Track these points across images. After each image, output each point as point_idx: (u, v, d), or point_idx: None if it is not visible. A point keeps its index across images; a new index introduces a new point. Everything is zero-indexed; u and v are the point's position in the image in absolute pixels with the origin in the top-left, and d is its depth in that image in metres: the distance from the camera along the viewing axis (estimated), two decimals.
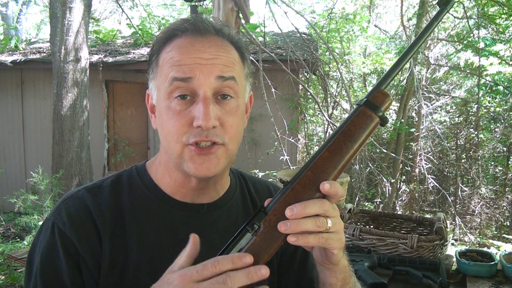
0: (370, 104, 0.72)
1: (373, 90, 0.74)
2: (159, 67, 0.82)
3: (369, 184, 7.83)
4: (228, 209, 0.92)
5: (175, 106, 0.78)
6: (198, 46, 0.79)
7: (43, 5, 13.99)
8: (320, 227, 0.68)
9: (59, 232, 0.80)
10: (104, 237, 0.81)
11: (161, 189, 0.88)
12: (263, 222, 0.69)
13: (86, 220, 0.81)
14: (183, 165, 0.80)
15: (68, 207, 0.83)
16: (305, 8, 11.43)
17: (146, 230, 0.84)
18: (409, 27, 7.46)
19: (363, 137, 0.71)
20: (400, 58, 0.75)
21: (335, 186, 0.69)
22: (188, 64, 0.77)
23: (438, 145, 8.12)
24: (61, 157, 5.73)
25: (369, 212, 2.42)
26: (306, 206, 0.67)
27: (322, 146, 0.72)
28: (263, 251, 0.68)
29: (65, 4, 5.58)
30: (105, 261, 0.80)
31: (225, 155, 0.81)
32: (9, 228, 6.36)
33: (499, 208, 7.03)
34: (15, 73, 7.46)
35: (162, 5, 14.89)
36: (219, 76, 0.78)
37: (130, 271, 0.81)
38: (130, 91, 7.42)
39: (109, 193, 0.86)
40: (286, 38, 5.68)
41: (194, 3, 3.44)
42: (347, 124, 0.71)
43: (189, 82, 0.77)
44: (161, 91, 0.81)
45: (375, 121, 0.72)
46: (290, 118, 6.59)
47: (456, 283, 1.72)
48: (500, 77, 7.41)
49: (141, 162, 0.95)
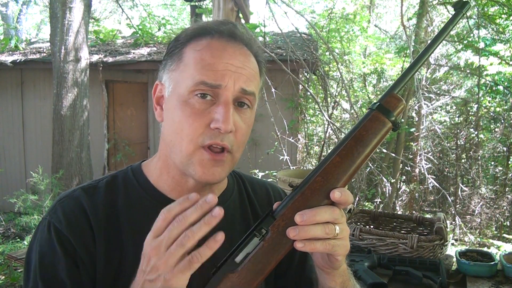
0: (382, 108, 0.71)
1: (386, 94, 0.72)
2: (183, 62, 0.81)
3: (369, 184, 7.83)
4: (225, 210, 0.91)
5: (194, 103, 0.77)
6: (231, 51, 0.79)
7: (43, 5, 14.00)
8: (328, 234, 0.68)
9: (55, 230, 0.79)
10: (98, 236, 0.80)
11: (157, 189, 0.88)
12: (271, 227, 0.68)
13: (81, 219, 0.81)
14: (189, 167, 0.79)
15: (63, 206, 0.82)
16: (305, 8, 11.43)
17: (141, 230, 0.81)
18: (409, 27, 7.46)
19: (375, 142, 0.70)
20: (414, 62, 0.74)
21: (346, 193, 0.69)
22: (220, 70, 0.77)
23: (438, 145, 8.12)
24: (61, 157, 5.73)
25: (369, 212, 2.42)
26: (316, 213, 0.67)
27: (332, 151, 0.71)
28: (271, 257, 0.67)
29: (65, 4, 5.58)
30: (100, 260, 0.80)
31: (230, 163, 0.82)
32: (9, 228, 6.36)
33: (499, 208, 7.03)
34: (15, 73, 7.46)
35: (162, 5, 14.89)
36: (243, 88, 0.79)
37: (125, 271, 0.80)
38: (130, 91, 7.42)
39: (104, 194, 0.85)
40: (286, 38, 5.68)
41: (194, 3, 3.44)
42: (359, 129, 0.70)
43: (217, 88, 0.77)
44: (181, 86, 0.79)
45: (387, 126, 0.71)
46: (290, 118, 6.59)
47: (456, 283, 1.72)
48: (500, 77, 7.40)
49: (137, 162, 0.95)
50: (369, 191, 7.62)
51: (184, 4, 10.84)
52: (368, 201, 7.81)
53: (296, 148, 6.97)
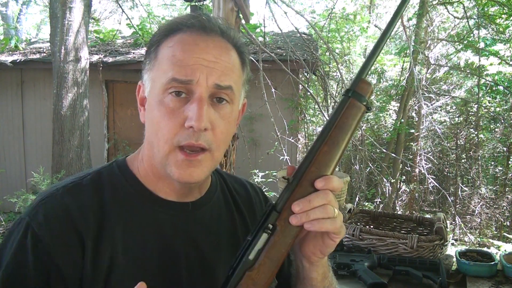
0: (357, 95, 0.75)
1: (356, 81, 0.76)
2: (157, 60, 0.79)
3: (369, 184, 7.84)
4: (211, 207, 0.91)
5: (168, 102, 0.76)
6: (202, 45, 0.77)
7: (43, 5, 14.00)
8: (329, 214, 0.72)
9: (33, 236, 0.73)
10: (87, 241, 0.75)
11: (145, 186, 0.84)
12: (278, 221, 0.72)
13: (66, 225, 0.75)
14: (166, 168, 0.78)
15: (46, 208, 0.76)
16: (305, 8, 11.43)
17: (131, 229, 0.80)
18: (409, 27, 7.46)
19: (354, 127, 0.75)
20: (375, 45, 0.77)
21: (328, 179, 0.72)
22: (190, 65, 0.75)
23: (438, 145, 8.12)
24: (61, 157, 5.73)
25: (369, 212, 2.42)
26: (311, 200, 0.71)
27: (318, 141, 0.75)
28: (283, 248, 0.72)
29: (65, 4, 5.57)
30: (87, 266, 0.74)
31: (210, 162, 0.79)
32: (9, 228, 6.36)
33: (499, 208, 7.04)
34: (15, 73, 7.46)
35: (162, 5, 14.89)
36: (216, 84, 0.76)
37: (117, 272, 0.76)
38: (130, 91, 7.41)
39: (90, 193, 0.80)
40: (286, 38, 5.67)
41: (194, 3, 3.43)
42: (340, 117, 0.75)
43: (188, 84, 0.75)
44: (156, 85, 0.78)
45: (362, 110, 0.76)
46: (290, 118, 6.59)
47: (456, 283, 1.72)
48: (500, 77, 7.40)
49: (121, 157, 0.90)
50: (369, 191, 7.62)
51: (184, 4, 10.83)
52: (368, 201, 7.81)
53: (296, 148, 6.97)
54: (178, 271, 0.82)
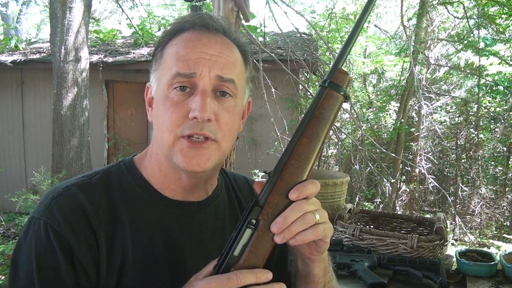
0: (333, 85, 0.75)
1: (333, 71, 0.76)
2: (163, 59, 0.82)
3: (369, 184, 7.83)
4: (215, 207, 0.92)
5: (173, 96, 0.78)
6: (204, 41, 0.79)
7: (43, 5, 13.99)
8: (310, 223, 0.71)
9: (55, 233, 0.74)
10: (100, 237, 0.77)
11: (152, 186, 0.86)
12: (261, 216, 0.71)
13: (82, 221, 0.76)
14: (173, 158, 0.79)
15: (60, 206, 0.77)
16: (305, 8, 11.44)
17: (139, 228, 0.82)
18: (409, 27, 7.45)
19: (332, 117, 0.75)
20: (351, 34, 0.77)
21: (303, 188, 0.72)
22: (193, 59, 0.77)
23: (438, 145, 8.11)
24: (61, 157, 5.72)
25: (369, 212, 2.42)
26: (286, 216, 0.70)
27: (297, 133, 0.75)
28: (267, 243, 0.71)
29: (65, 4, 5.57)
30: (102, 261, 0.77)
31: (217, 152, 0.80)
32: (9, 228, 6.36)
33: (499, 208, 7.03)
34: (15, 73, 7.46)
35: (162, 5, 14.89)
36: (219, 75, 0.78)
37: (127, 270, 0.78)
38: (130, 91, 7.42)
39: (100, 191, 0.81)
40: (286, 38, 5.67)
41: (194, 3, 3.43)
42: (317, 108, 0.74)
43: (191, 77, 0.77)
44: (162, 82, 0.80)
45: (340, 100, 0.75)
46: (290, 118, 6.59)
47: (456, 283, 1.72)
48: (500, 77, 7.41)
49: (128, 157, 0.92)
50: (369, 191, 7.61)
51: (184, 4, 10.83)
52: (368, 201, 7.81)
53: None
54: (186, 270, 0.83)
